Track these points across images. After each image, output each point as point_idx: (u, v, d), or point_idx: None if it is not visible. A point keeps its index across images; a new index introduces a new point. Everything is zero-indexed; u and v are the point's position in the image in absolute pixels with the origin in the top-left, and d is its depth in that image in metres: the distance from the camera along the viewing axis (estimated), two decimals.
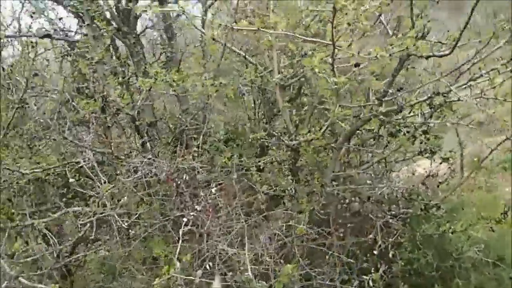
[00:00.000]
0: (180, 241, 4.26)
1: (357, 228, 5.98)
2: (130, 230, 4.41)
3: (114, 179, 4.88)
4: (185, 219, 4.27)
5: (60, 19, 5.36)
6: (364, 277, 5.49)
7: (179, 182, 4.47)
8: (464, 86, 4.26)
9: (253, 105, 5.17)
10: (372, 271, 5.51)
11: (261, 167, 4.78)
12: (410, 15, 3.72)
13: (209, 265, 4.14)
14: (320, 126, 4.34)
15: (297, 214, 5.02)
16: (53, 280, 5.23)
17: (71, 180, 5.51)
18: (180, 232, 4.27)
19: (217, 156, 4.62)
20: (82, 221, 4.82)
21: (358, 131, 4.90)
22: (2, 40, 5.41)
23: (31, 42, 5.56)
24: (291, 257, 4.95)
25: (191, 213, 4.29)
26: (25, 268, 4.83)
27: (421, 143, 5.36)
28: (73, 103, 5.44)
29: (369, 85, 4.21)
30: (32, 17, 5.47)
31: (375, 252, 5.58)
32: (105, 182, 4.98)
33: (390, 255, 5.71)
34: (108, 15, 5.26)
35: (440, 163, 5.32)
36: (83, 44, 5.48)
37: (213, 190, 4.38)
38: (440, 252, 5.43)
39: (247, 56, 4.80)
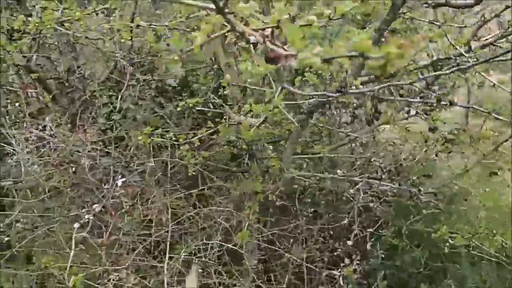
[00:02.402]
0: (72, 253, 3.15)
1: (331, 209, 4.86)
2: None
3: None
4: (76, 225, 3.11)
5: None
6: (334, 272, 4.47)
7: (73, 169, 3.25)
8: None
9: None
10: (345, 263, 4.50)
11: (195, 144, 3.49)
12: None
13: None
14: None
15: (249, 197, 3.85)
16: None
17: None
18: (73, 241, 3.14)
19: (133, 132, 3.33)
20: None
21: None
22: None
23: None
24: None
25: (86, 216, 3.11)
26: None
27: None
28: None
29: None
30: None
31: (349, 242, 4.51)
32: None
33: (368, 246, 4.66)
34: None
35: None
36: None
37: (119, 183, 3.16)
38: (430, 245, 4.32)
39: None
